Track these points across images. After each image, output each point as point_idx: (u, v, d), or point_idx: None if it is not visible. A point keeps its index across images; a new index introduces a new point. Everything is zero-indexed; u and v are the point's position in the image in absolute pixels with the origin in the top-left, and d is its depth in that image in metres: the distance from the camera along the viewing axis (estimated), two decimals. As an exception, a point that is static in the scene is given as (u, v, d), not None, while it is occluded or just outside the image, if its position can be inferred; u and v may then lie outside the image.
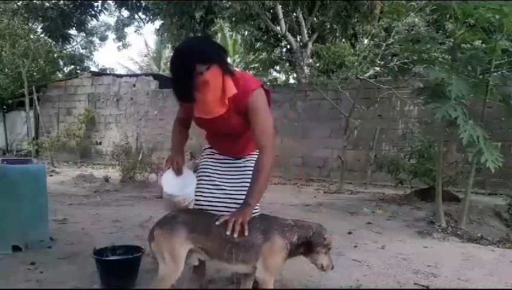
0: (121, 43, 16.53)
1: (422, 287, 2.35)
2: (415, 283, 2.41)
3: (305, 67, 10.19)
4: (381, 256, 2.96)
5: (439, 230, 3.80)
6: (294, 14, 10.64)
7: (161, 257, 1.73)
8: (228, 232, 1.65)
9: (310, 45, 10.56)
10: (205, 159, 2.16)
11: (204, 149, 2.23)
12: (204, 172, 2.09)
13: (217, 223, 1.71)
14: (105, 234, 3.39)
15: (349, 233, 3.68)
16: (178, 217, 1.79)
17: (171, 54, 1.88)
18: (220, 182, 2.03)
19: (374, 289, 2.32)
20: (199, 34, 10.81)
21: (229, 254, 1.73)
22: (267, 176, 1.80)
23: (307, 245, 1.79)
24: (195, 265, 2.10)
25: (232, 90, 1.77)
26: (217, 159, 2.13)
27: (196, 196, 2.03)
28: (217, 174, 2.07)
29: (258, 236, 1.74)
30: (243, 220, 1.69)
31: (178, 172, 2.03)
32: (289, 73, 14.46)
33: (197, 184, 2.05)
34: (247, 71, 15.73)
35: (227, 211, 1.90)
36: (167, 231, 1.74)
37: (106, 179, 6.79)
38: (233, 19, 9.67)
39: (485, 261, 2.91)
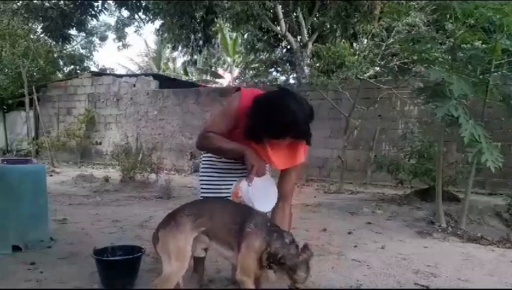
0: (121, 43, 16.57)
1: (422, 287, 2.35)
2: (415, 283, 2.41)
3: (305, 68, 10.18)
4: (381, 256, 2.96)
5: (439, 230, 3.80)
6: (294, 14, 10.63)
7: (167, 257, 1.73)
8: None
9: (310, 45, 10.55)
10: (208, 167, 2.16)
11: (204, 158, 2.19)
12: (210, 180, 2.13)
13: None
14: (105, 234, 3.39)
15: (349, 233, 3.68)
16: (180, 213, 1.81)
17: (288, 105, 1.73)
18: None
19: (374, 289, 2.32)
20: (199, 35, 10.82)
21: (228, 237, 1.77)
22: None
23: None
24: (195, 266, 2.11)
25: (301, 158, 1.92)
26: (221, 167, 2.14)
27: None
28: (225, 180, 2.10)
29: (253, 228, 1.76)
30: None
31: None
32: (289, 73, 14.47)
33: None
34: (247, 71, 15.74)
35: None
36: (172, 228, 1.75)
37: (106, 179, 6.78)
38: (234, 19, 9.66)
39: (485, 261, 2.91)
